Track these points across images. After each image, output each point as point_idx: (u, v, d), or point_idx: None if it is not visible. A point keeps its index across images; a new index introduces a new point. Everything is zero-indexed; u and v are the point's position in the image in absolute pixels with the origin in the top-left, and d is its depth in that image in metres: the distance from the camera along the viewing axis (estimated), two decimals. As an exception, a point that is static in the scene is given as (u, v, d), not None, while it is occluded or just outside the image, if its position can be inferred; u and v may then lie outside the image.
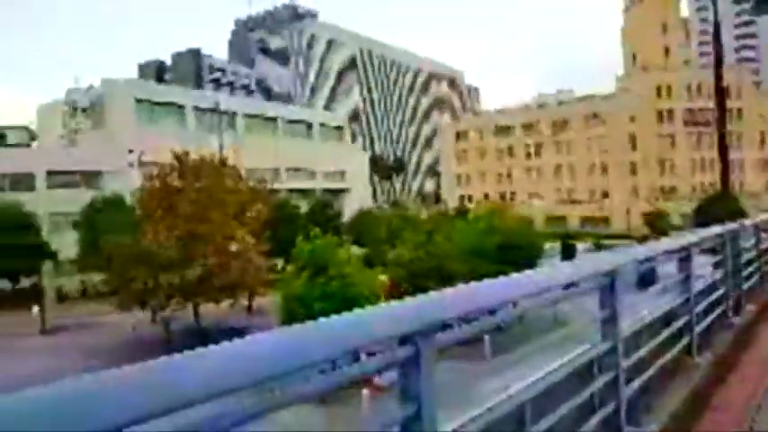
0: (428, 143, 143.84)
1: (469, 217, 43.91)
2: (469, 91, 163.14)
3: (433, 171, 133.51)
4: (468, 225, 37.70)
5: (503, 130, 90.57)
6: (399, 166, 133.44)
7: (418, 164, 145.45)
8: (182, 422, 1.00)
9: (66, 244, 38.64)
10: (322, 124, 71.01)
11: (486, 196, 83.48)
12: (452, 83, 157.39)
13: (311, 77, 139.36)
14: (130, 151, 40.63)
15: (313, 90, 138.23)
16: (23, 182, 43.63)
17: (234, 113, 58.85)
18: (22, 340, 28.03)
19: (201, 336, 26.70)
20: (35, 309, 31.91)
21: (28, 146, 59.78)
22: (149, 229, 25.54)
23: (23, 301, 35.30)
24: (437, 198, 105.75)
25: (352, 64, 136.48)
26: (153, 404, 0.95)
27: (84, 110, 50.16)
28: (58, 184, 44.81)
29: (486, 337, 19.08)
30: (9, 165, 44.26)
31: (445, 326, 1.64)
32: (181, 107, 55.00)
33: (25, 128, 61.91)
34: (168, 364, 1.02)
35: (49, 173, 44.81)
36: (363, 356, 1.55)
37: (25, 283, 38.50)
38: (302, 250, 23.68)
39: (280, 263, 32.86)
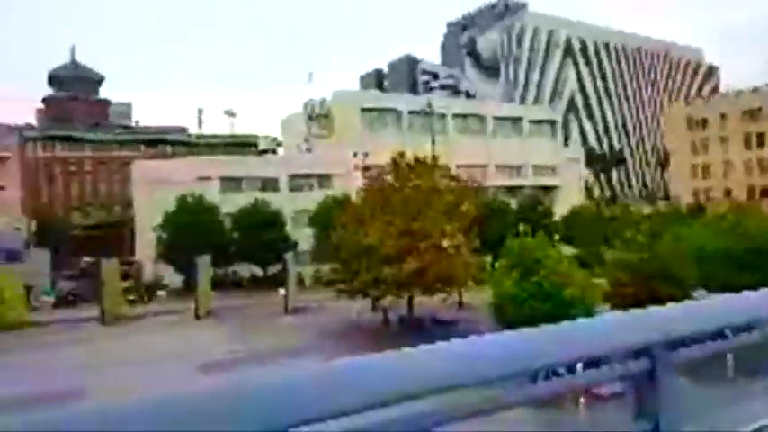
0: (653, 132, 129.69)
1: (708, 215, 38.66)
2: (710, 70, 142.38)
3: (659, 163, 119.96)
4: (706, 224, 33.28)
5: (752, 115, 76.98)
6: (618, 159, 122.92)
7: (641, 155, 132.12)
8: (400, 415, 1.03)
9: (304, 238, 44.60)
10: (532, 120, 69.19)
11: (728, 193, 72.04)
12: (681, 63, 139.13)
13: (522, 72, 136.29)
14: (355, 155, 45.14)
15: (525, 84, 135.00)
16: (271, 184, 51.40)
17: (444, 114, 60.98)
18: (275, 319, 33.21)
19: (414, 325, 28.53)
20: (281, 291, 37.56)
21: (274, 152, 70.25)
22: (371, 226, 28.02)
23: (271, 285, 41.86)
24: (665, 193, 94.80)
25: (565, 52, 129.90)
26: (381, 394, 1.00)
27: (318, 119, 57.06)
28: (297, 185, 51.88)
29: (730, 356, 16.71)
30: (260, 169, 52.74)
31: (686, 340, 1.52)
32: (397, 112, 58.94)
33: (273, 137, 72.80)
34: (402, 357, 1.08)
35: (290, 176, 52.03)
36: (579, 364, 1.47)
37: (272, 270, 45.39)
38: (512, 248, 23.61)
39: (488, 260, 33.22)
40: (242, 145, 75.05)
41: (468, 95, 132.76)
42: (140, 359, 24.59)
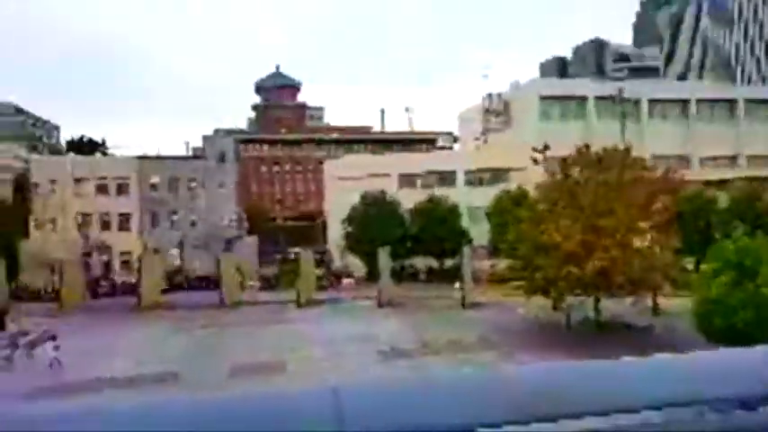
0: None
1: None
2: None
3: None
4: None
5: None
6: None
7: None
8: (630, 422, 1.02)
9: (480, 233, 44.45)
10: (751, 100, 59.45)
11: None
12: None
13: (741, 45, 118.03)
14: (534, 148, 43.50)
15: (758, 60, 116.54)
16: (448, 179, 52.12)
17: (637, 99, 55.56)
18: (452, 312, 33.75)
19: (600, 328, 26.65)
20: (457, 285, 37.99)
21: (451, 148, 71.04)
22: (552, 222, 26.82)
23: (447, 278, 42.57)
24: None
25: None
26: (613, 401, 1.01)
27: (495, 112, 56.21)
28: (473, 180, 51.87)
29: None
30: (437, 164, 53.80)
31: None
32: (582, 99, 55.32)
33: (450, 133, 73.64)
34: (645, 363, 1.09)
35: (467, 171, 52.18)
36: None
37: (448, 263, 46.08)
38: (722, 249, 20.71)
39: (689, 261, 29.63)
40: (420, 141, 77.38)
41: (673, 74, 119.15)
42: (329, 340, 26.91)
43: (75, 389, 19.86)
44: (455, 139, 72.74)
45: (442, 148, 71.89)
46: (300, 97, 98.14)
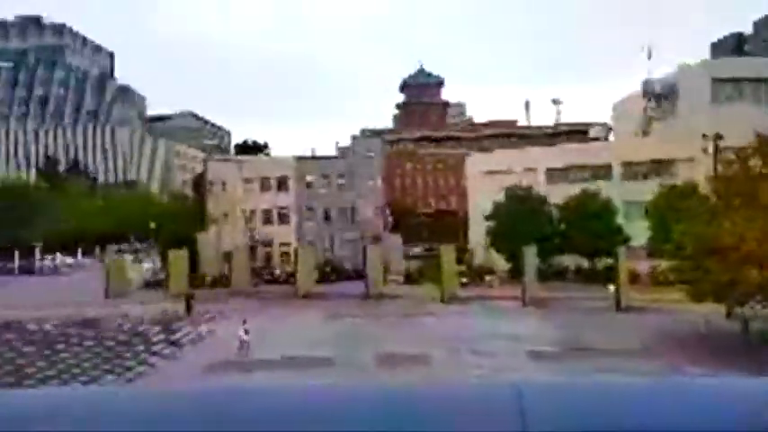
0: None
1: None
2: None
3: None
4: None
5: None
6: None
7: None
8: None
9: (638, 231, 40.84)
10: None
11: None
12: None
13: None
14: (704, 136, 38.84)
15: None
16: (601, 172, 48.71)
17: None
18: (605, 315, 31.56)
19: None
20: (610, 287, 35.40)
21: (605, 139, 66.31)
22: (727, 220, 23.79)
23: (598, 279, 39.87)
24: None
25: None
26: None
27: (657, 99, 51.26)
28: (631, 173, 47.84)
29: None
30: (589, 157, 50.50)
31: None
32: (761, 81, 48.24)
33: (603, 123, 68.76)
34: None
35: (623, 163, 48.27)
36: None
37: (600, 263, 43.10)
38: None
39: None
40: (569, 133, 73.37)
41: None
42: (472, 336, 26.69)
43: (247, 367, 22.11)
44: (610, 130, 67.78)
45: (595, 139, 67.39)
46: (444, 93, 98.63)
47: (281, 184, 54.38)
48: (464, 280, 43.55)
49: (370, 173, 56.46)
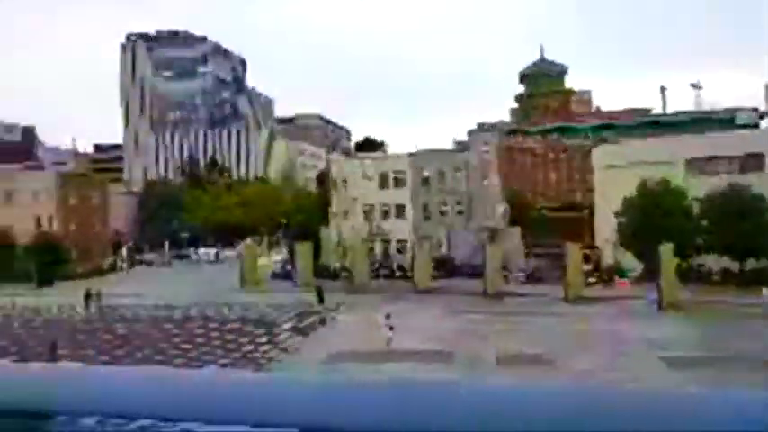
0: None
1: None
2: None
3: None
4: None
5: None
6: None
7: None
8: None
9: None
10: None
11: None
12: None
13: None
14: None
15: None
16: (751, 163, 43.43)
17: None
18: (757, 323, 28.20)
19: None
20: (765, 291, 31.54)
21: (756, 126, 59.05)
22: None
23: (749, 282, 35.65)
24: None
25: None
26: None
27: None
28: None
29: None
30: (737, 146, 45.15)
31: None
32: None
33: (754, 109, 61.25)
34: None
35: (780, 152, 42.67)
36: None
37: (752, 265, 38.52)
38: None
39: None
40: (712, 121, 66.24)
41: None
42: (600, 339, 25.13)
43: (372, 358, 22.76)
44: (761, 116, 60.23)
45: (744, 126, 60.23)
46: (567, 82, 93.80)
47: (399, 179, 55.17)
48: (591, 279, 41.19)
49: (488, 167, 55.37)
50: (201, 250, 74.48)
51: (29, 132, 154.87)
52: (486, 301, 37.14)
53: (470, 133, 76.55)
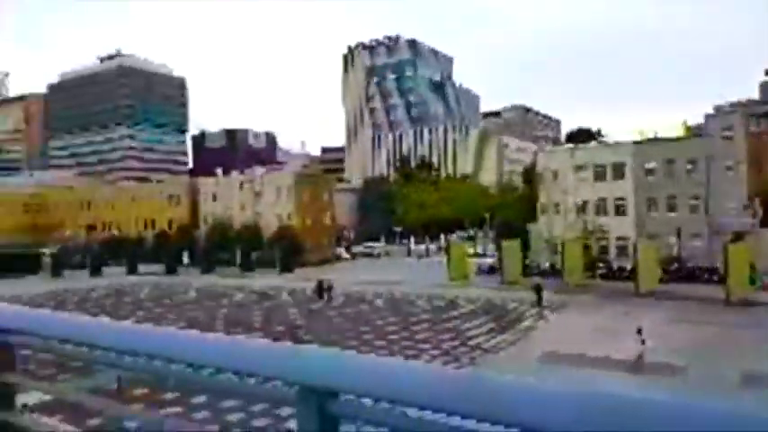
0: None
1: None
2: None
3: None
4: None
5: None
6: None
7: None
8: None
9: None
10: None
11: None
12: None
13: None
14: None
15: None
16: None
17: None
18: None
19: None
20: None
21: None
22: None
23: None
24: None
25: None
26: None
27: None
28: None
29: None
30: None
31: None
32: None
33: None
34: None
35: None
36: None
37: None
38: None
39: None
40: None
41: None
42: None
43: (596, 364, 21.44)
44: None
45: None
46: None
47: (617, 171, 50.63)
48: None
49: (730, 155, 47.54)
50: (412, 243, 78.34)
51: (271, 138, 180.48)
52: (728, 311, 32.07)
53: (708, 117, 66.53)
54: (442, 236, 79.46)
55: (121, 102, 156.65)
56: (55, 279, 56.36)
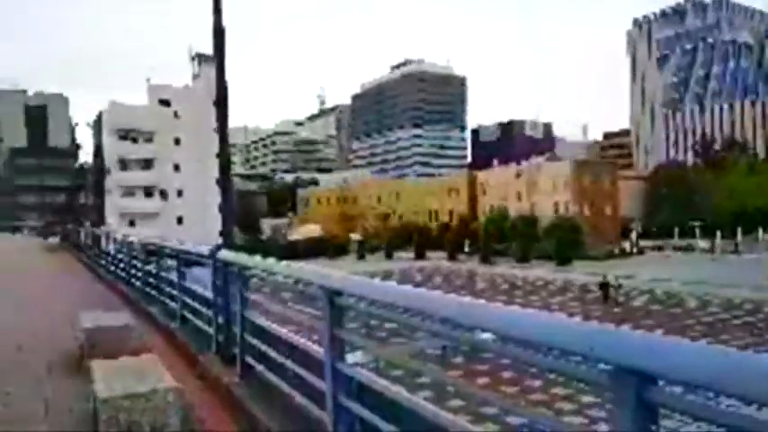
0: None
1: None
2: None
3: None
4: None
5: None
6: None
7: None
8: None
9: None
10: None
11: None
12: None
13: None
14: None
15: None
16: None
17: None
18: None
19: None
20: None
21: None
22: None
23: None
24: None
25: None
26: None
27: None
28: None
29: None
30: None
31: None
32: None
33: None
34: None
35: None
36: None
37: None
38: None
39: None
40: None
41: None
42: None
43: None
44: None
45: None
46: None
47: None
48: None
49: None
50: (701, 242, 65.66)
51: (548, 128, 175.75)
52: None
53: None
54: (760, 231, 65.40)
55: (409, 105, 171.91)
56: (360, 261, 64.79)
